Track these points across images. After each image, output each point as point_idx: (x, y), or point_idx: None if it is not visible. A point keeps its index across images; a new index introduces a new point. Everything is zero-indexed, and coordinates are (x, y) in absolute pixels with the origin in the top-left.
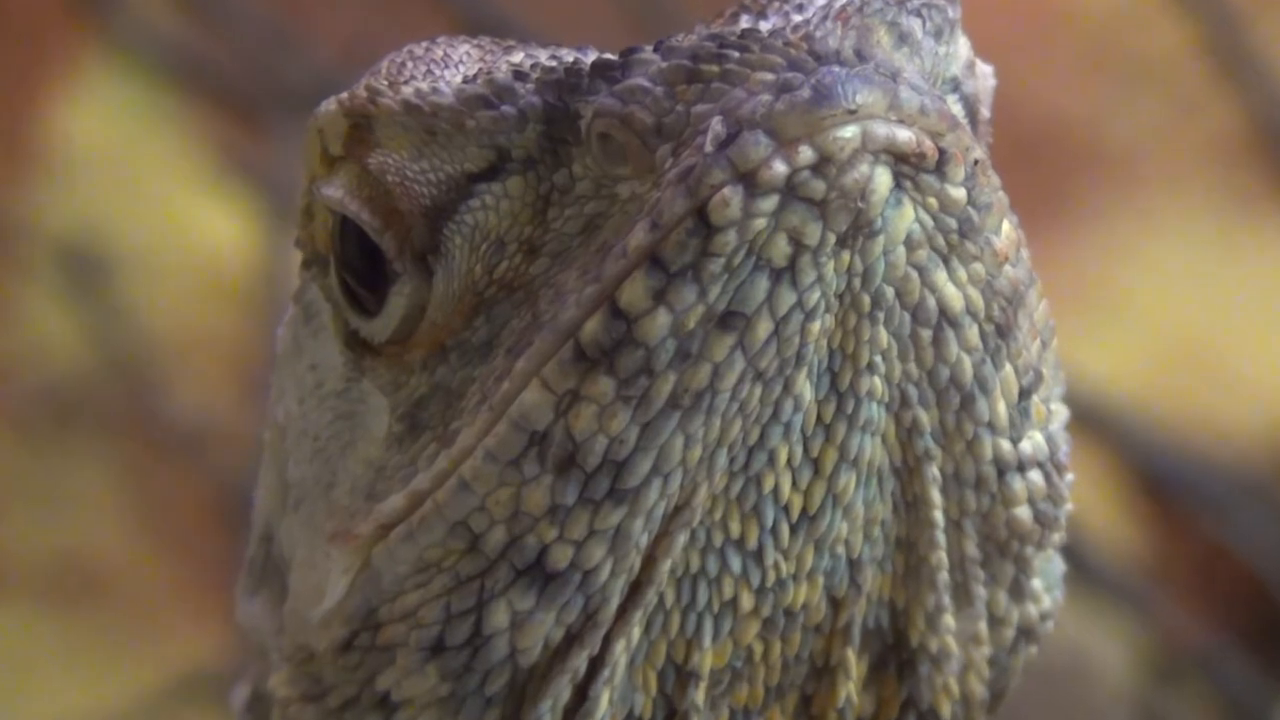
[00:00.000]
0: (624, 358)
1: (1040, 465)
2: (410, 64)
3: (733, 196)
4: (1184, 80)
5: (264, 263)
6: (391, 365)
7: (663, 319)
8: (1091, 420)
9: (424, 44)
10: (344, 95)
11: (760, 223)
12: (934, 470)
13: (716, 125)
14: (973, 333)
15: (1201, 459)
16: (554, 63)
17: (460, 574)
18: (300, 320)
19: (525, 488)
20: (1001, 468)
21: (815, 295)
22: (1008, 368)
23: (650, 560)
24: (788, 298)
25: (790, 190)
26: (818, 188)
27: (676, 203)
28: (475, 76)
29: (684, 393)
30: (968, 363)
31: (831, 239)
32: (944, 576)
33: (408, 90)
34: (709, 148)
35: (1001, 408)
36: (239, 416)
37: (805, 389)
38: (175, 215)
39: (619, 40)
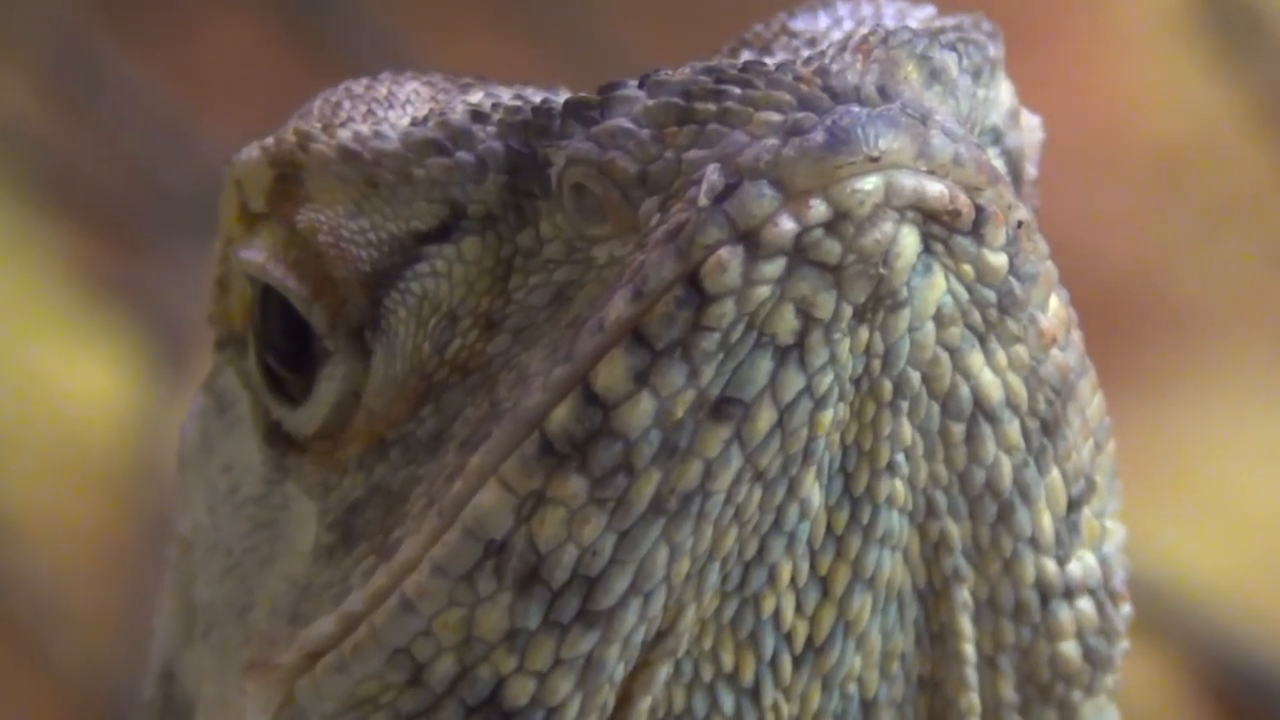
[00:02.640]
0: (599, 452)
1: (1091, 592)
2: (348, 103)
3: (731, 259)
4: (1272, 221)
5: (139, 424)
6: (320, 464)
7: (646, 406)
8: (1159, 613)
9: (364, 81)
10: (268, 141)
11: (763, 291)
12: (965, 594)
13: (712, 175)
14: (1013, 429)
15: None
16: (519, 102)
17: (400, 712)
18: (211, 412)
19: (479, 608)
20: (1045, 593)
21: (827, 380)
22: (1054, 473)
23: (626, 697)
24: (795, 382)
25: (799, 253)
26: (832, 250)
27: (664, 266)
28: (426, 119)
29: (669, 495)
30: (1007, 465)
31: (848, 312)
32: None
33: (345, 134)
34: (703, 201)
35: (1046, 521)
36: (101, 610)
37: (814, 492)
38: (32, 368)
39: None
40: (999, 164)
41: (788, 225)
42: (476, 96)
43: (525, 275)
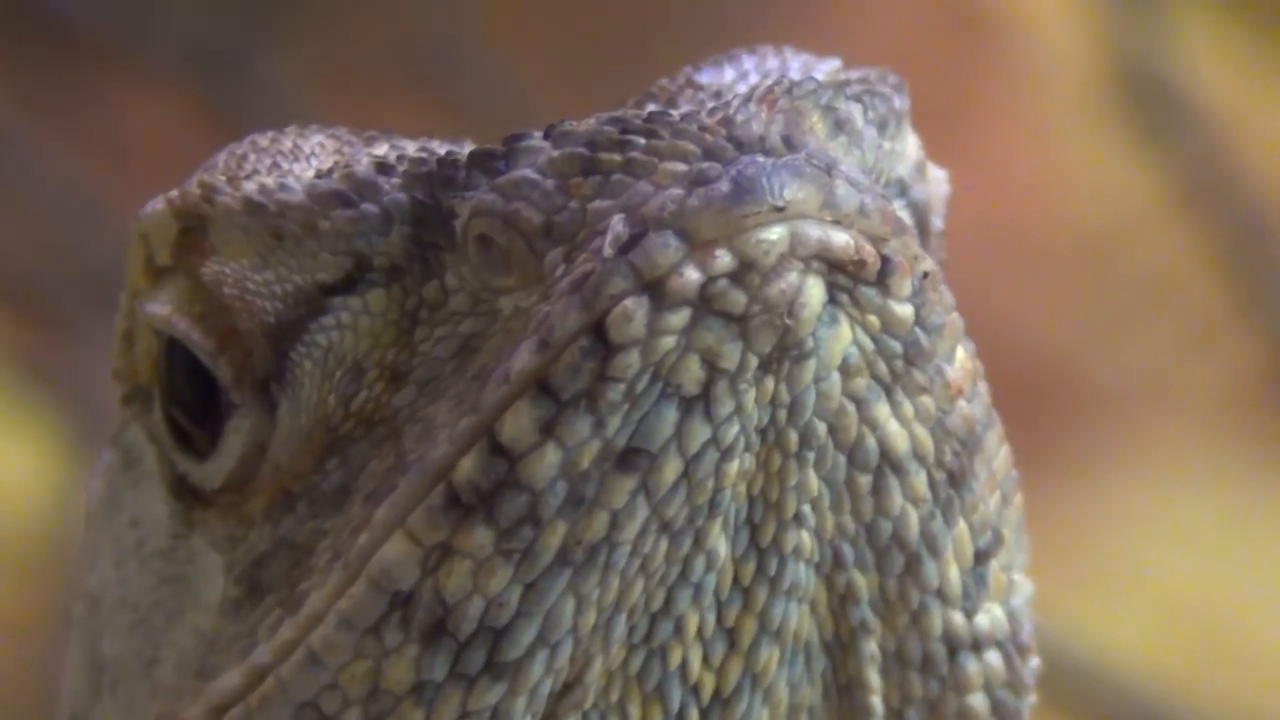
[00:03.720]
0: (505, 503)
1: (999, 645)
2: (253, 156)
3: (636, 309)
4: (1195, 306)
5: (60, 507)
6: (227, 518)
7: (551, 457)
8: (1080, 688)
9: (269, 134)
10: (173, 193)
11: (668, 341)
12: (872, 646)
13: (617, 225)
14: (920, 480)
15: None
16: (424, 154)
17: None
18: (118, 468)
19: (386, 660)
20: (953, 646)
21: (733, 430)
22: (961, 525)
23: None
24: (700, 433)
25: (704, 303)
26: (737, 300)
27: (569, 317)
28: (331, 171)
29: (576, 546)
30: (914, 517)
31: (753, 362)
32: None
33: (250, 186)
34: (608, 251)
35: (954, 573)
36: (17, 695)
37: (720, 544)
38: None
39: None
40: (905, 215)
41: (693, 275)
42: (382, 149)
43: (431, 327)
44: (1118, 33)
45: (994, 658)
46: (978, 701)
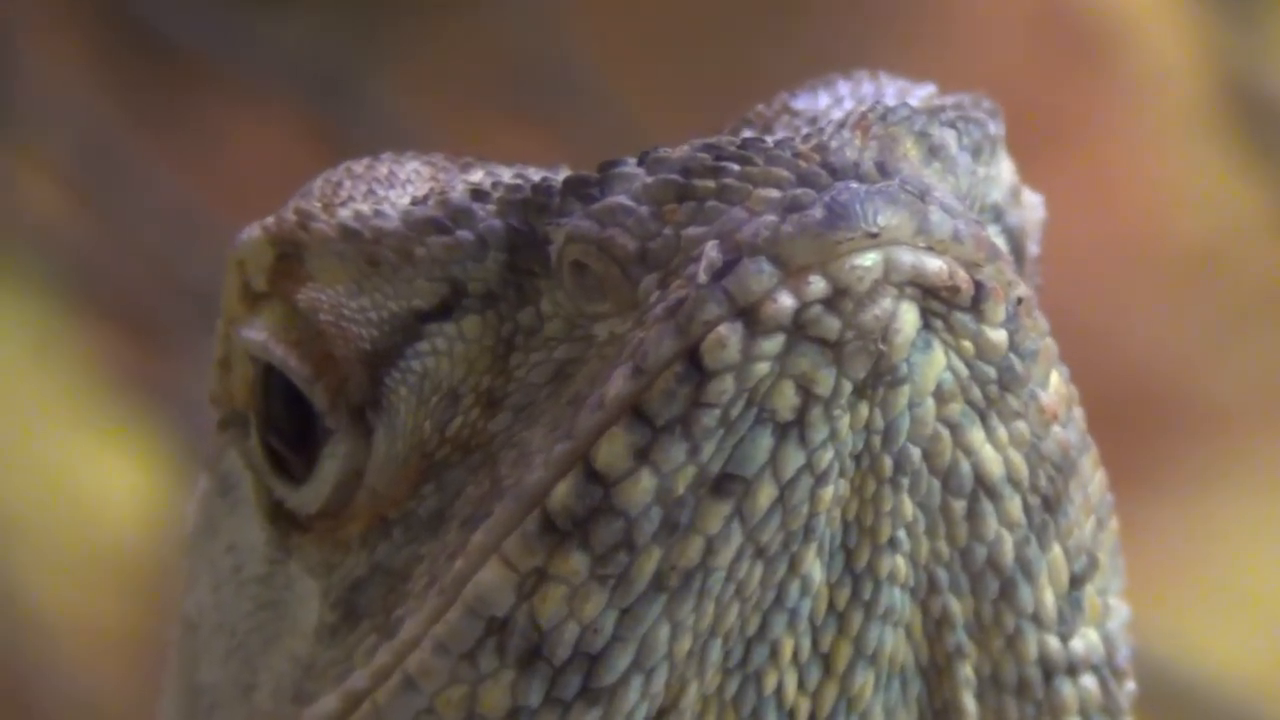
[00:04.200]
0: (600, 529)
1: (1095, 669)
2: (348, 183)
3: (730, 336)
4: None
5: (163, 520)
6: (323, 543)
7: (646, 482)
8: (1190, 711)
9: (365, 161)
10: (269, 220)
11: (763, 368)
12: (968, 671)
13: (711, 251)
14: (1014, 505)
15: None
16: (519, 180)
17: None
18: (216, 492)
19: (482, 685)
20: (1048, 670)
21: (828, 456)
22: (1056, 549)
23: None
24: (795, 459)
25: (799, 329)
26: (831, 326)
27: (664, 343)
28: (426, 198)
29: (671, 571)
30: (1009, 542)
31: (847, 388)
32: None
33: (345, 213)
34: (702, 278)
35: (1049, 597)
36: (126, 706)
37: (815, 569)
38: (58, 465)
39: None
40: (1000, 241)
41: (787, 302)
42: (477, 175)
43: (526, 353)
44: (1224, 47)
45: (1089, 682)
46: None
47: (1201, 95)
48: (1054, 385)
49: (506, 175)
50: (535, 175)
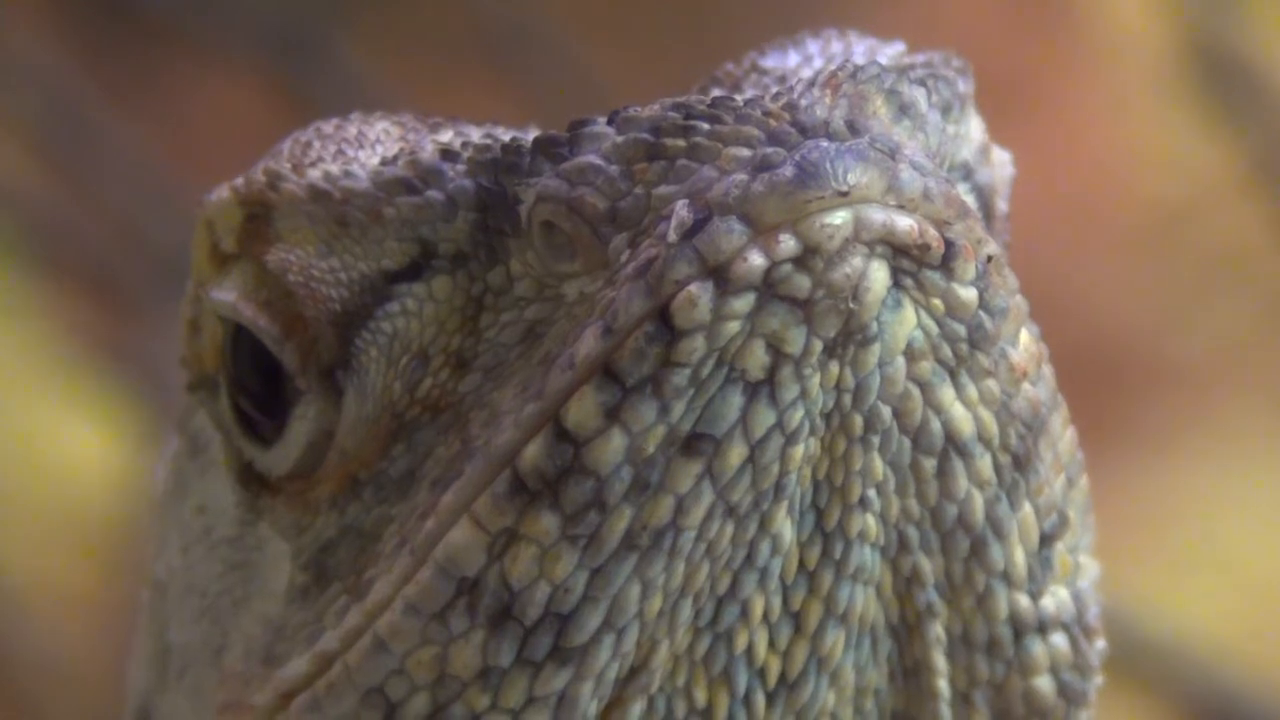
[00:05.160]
0: (571, 489)
1: (1065, 627)
2: (317, 144)
3: (701, 295)
4: (1269, 282)
5: (132, 485)
6: (293, 505)
7: (617, 442)
8: (1160, 670)
9: (334, 121)
10: (238, 181)
11: (733, 326)
12: (938, 630)
13: (682, 210)
14: (985, 464)
15: None
16: (489, 140)
17: None
18: (185, 454)
19: (452, 646)
20: (1019, 628)
21: (798, 415)
22: (1026, 507)
23: None
24: (765, 417)
25: (769, 288)
26: (801, 285)
27: (634, 302)
28: (395, 158)
29: (642, 531)
30: (979, 500)
31: (818, 347)
32: None
33: (315, 174)
34: (672, 236)
35: (1019, 556)
36: (98, 672)
37: (785, 528)
38: (25, 431)
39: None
40: (969, 199)
41: (757, 260)
42: (446, 135)
43: (496, 313)
44: (1191, 8)
45: (1060, 640)
46: (1044, 684)
47: (1168, 56)
48: (1024, 343)
49: (476, 135)
50: (505, 135)
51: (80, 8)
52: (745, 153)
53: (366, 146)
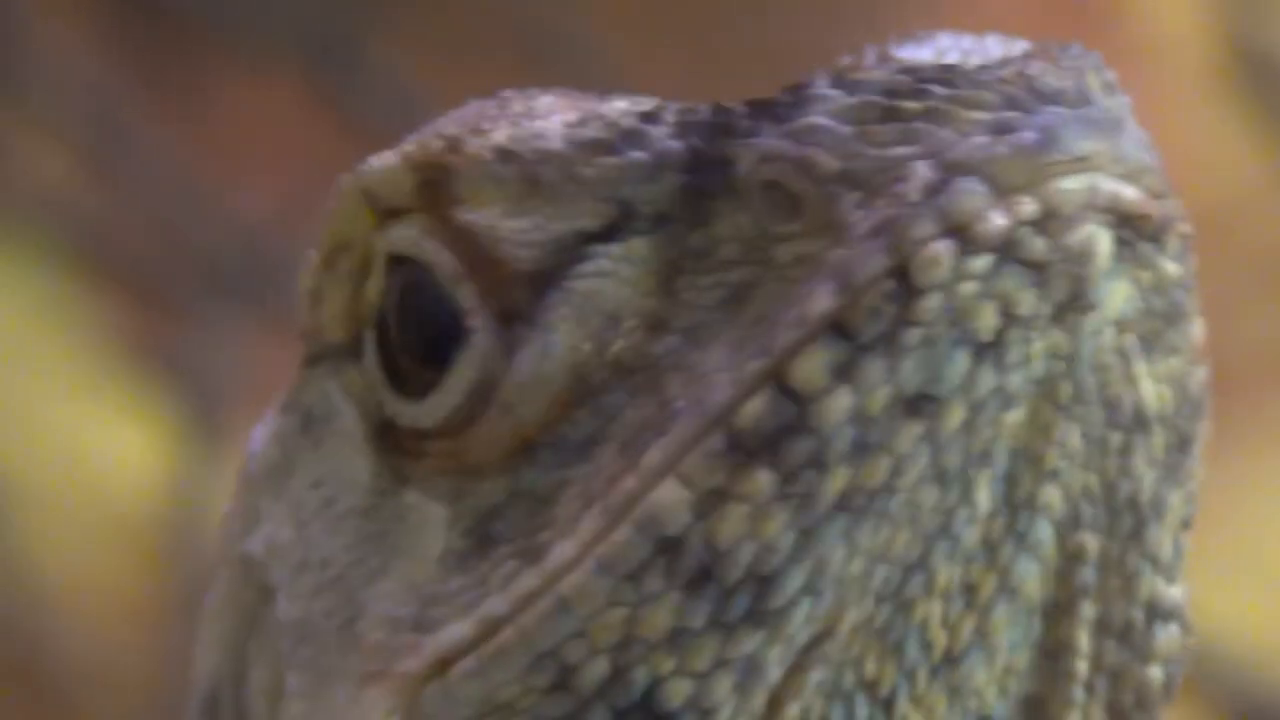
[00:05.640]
0: (791, 447)
1: (1180, 618)
2: (488, 115)
3: (944, 253)
4: None
5: (174, 488)
6: (447, 470)
7: (844, 401)
8: (1203, 674)
9: (493, 100)
10: (406, 147)
11: (971, 287)
12: (1088, 609)
13: (924, 170)
14: (1159, 442)
15: None
16: (688, 106)
17: (541, 717)
18: (295, 431)
19: (644, 607)
20: (1151, 614)
21: (1018, 379)
22: (1179, 491)
23: (775, 702)
24: (988, 380)
25: (1007, 249)
26: (1039, 248)
27: (872, 260)
28: (583, 121)
29: (856, 492)
30: (1149, 479)
31: (1047, 311)
32: None
33: (499, 136)
34: (914, 196)
35: (1168, 539)
36: (136, 674)
37: (984, 496)
38: (68, 433)
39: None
40: None
41: (1000, 221)
42: (621, 104)
43: (694, 276)
44: (1231, 11)
45: (1175, 630)
46: (1155, 674)
47: (1209, 60)
48: (1198, 325)
49: (648, 105)
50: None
51: (121, 12)
52: (985, 116)
53: (540, 117)
